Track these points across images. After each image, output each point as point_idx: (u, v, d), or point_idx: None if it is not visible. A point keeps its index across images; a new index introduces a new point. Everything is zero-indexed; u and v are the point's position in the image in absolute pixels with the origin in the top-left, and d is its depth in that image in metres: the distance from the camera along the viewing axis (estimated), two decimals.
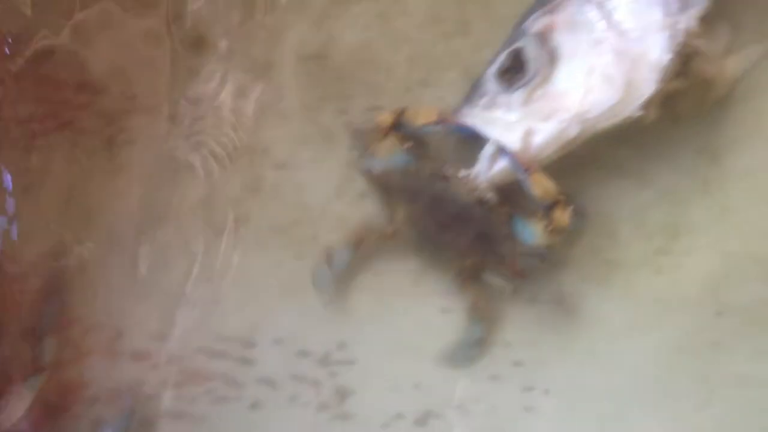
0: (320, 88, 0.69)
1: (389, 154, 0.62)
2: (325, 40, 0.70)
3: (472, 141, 0.61)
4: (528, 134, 0.59)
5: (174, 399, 0.65)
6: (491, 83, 0.61)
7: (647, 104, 0.59)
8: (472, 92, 0.62)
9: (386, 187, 0.64)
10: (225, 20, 0.70)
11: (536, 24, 0.61)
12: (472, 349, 0.64)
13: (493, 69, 0.61)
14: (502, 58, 0.61)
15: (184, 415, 0.64)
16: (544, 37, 0.60)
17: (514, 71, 0.60)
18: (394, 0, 0.69)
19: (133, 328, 0.66)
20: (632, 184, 0.65)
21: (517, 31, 0.62)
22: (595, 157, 0.63)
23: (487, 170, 0.60)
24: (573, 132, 0.59)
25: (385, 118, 0.61)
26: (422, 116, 0.60)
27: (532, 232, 0.59)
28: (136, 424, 0.64)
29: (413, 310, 0.64)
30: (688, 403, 0.62)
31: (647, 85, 0.59)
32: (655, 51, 0.59)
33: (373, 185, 0.65)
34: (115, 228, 0.67)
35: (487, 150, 0.60)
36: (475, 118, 0.61)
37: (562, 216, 0.58)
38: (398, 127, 0.61)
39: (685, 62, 0.60)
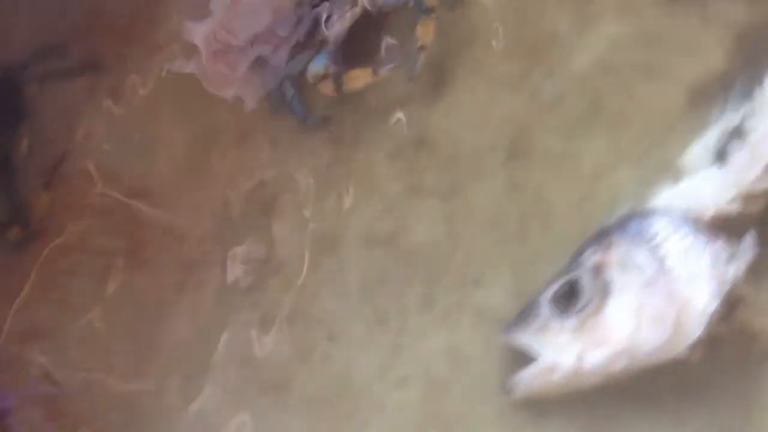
0: (382, 271, 0.72)
1: None
2: (394, 228, 0.73)
3: None
4: (582, 354, 0.61)
5: None
6: (545, 308, 0.64)
7: (694, 346, 0.60)
8: (526, 313, 0.64)
9: None
10: None
11: (592, 258, 0.64)
12: None
13: (549, 294, 0.64)
14: (558, 285, 0.64)
15: None
16: (598, 271, 0.63)
17: (567, 298, 0.63)
18: (462, 203, 0.73)
19: None
20: (669, 421, 0.64)
21: (574, 262, 0.65)
22: (635, 386, 0.63)
23: None
24: (621, 363, 0.61)
25: None
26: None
27: None
28: None
29: None
30: None
31: (695, 329, 0.60)
32: (704, 297, 0.61)
33: None
34: None
35: None
36: (528, 337, 0.63)
37: None
38: None
39: (730, 310, 0.62)
